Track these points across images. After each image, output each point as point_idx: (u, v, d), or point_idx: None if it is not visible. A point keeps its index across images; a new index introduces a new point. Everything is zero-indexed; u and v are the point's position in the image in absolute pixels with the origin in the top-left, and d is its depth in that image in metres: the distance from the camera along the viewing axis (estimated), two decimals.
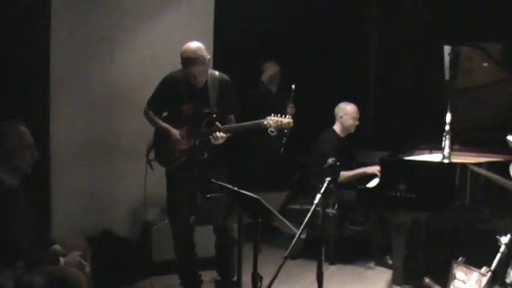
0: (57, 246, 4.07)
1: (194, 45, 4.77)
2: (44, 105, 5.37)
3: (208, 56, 4.82)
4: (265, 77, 6.99)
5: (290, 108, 6.67)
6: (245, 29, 7.07)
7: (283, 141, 6.77)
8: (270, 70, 7.00)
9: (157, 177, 5.01)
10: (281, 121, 4.68)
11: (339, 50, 7.73)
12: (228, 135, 4.87)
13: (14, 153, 3.82)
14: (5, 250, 3.63)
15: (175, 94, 4.88)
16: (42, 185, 5.31)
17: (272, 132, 4.73)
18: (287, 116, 4.73)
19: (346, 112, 6.28)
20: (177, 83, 4.88)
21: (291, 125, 4.71)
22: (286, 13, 7.36)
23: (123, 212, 5.96)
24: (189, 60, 4.72)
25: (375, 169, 5.83)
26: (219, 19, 6.37)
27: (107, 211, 5.85)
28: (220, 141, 4.80)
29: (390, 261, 5.77)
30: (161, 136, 4.94)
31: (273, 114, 4.72)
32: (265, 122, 4.69)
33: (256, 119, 4.81)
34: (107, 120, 5.84)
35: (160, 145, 4.96)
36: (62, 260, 3.89)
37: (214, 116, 4.83)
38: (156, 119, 4.95)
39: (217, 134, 4.76)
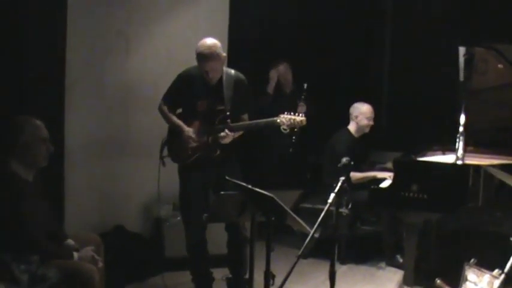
0: (70, 241, 4.10)
1: (209, 41, 4.77)
2: (59, 101, 5.40)
3: (223, 53, 4.82)
4: (270, 87, 6.99)
5: (301, 107, 6.66)
6: (259, 28, 7.07)
7: (293, 141, 6.76)
8: (275, 78, 7.01)
9: (170, 174, 5.02)
10: (294, 119, 4.67)
11: (352, 49, 7.72)
12: (240, 133, 4.90)
13: (30, 148, 3.85)
14: (20, 244, 3.66)
15: (190, 90, 4.89)
16: (56, 181, 5.34)
17: (285, 130, 4.73)
18: (300, 115, 4.73)
19: (362, 112, 6.27)
20: (192, 79, 4.89)
21: (304, 123, 4.70)
22: (298, 11, 7.35)
23: (135, 208, 5.99)
24: (203, 55, 4.72)
25: (387, 174, 5.83)
26: (235, 17, 6.39)
27: (120, 207, 5.88)
28: (228, 139, 4.81)
29: (401, 260, 5.78)
30: (174, 133, 4.96)
31: (286, 112, 4.72)
32: (278, 120, 4.69)
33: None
34: (121, 117, 5.86)
35: (174, 142, 4.98)
36: (75, 254, 3.92)
37: (228, 113, 4.84)
38: (170, 115, 4.97)
39: (225, 132, 4.78)
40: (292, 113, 4.70)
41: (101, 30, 5.65)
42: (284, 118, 4.67)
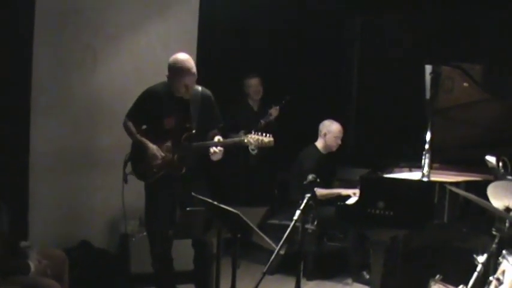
0: (24, 242, 4.03)
1: (185, 56, 4.74)
2: (24, 114, 5.34)
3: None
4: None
5: (274, 110, 6.65)
6: (228, 46, 7.07)
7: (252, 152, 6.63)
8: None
9: (136, 190, 4.99)
10: (262, 139, 4.63)
11: (320, 66, 7.74)
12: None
13: None
14: None
15: (156, 107, 4.84)
16: (21, 194, 5.27)
17: (253, 150, 4.70)
18: (268, 135, 4.70)
19: (330, 130, 6.26)
20: (158, 97, 4.85)
21: (272, 144, 4.66)
22: (268, 29, 7.36)
23: (101, 223, 5.93)
24: (183, 70, 4.68)
25: (351, 192, 5.84)
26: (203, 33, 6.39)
27: (85, 222, 5.82)
28: (218, 156, 4.73)
29: (367, 276, 5.79)
30: (139, 150, 4.90)
31: (253, 132, 4.70)
32: (245, 140, 4.66)
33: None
34: (87, 131, 5.82)
35: (138, 159, 4.93)
36: (31, 265, 3.84)
37: (194, 131, 4.81)
38: (134, 132, 4.91)
39: (214, 148, 4.69)
40: (259, 133, 4.68)
41: (68, 43, 5.61)
42: (252, 138, 4.63)
